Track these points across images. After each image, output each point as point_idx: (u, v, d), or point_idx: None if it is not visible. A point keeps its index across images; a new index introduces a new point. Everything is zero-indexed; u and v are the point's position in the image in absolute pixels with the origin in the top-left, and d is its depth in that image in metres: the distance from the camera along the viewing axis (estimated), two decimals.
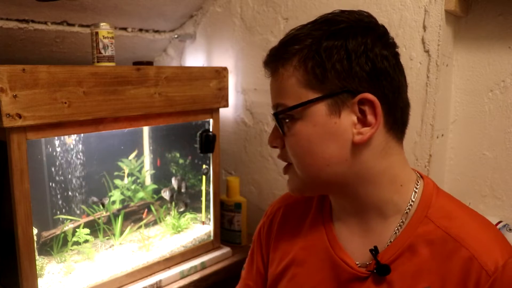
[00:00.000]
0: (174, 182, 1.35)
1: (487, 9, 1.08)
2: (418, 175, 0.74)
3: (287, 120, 0.69)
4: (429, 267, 0.66)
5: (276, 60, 0.70)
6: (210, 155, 1.31)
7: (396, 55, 0.70)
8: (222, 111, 1.35)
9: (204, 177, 1.36)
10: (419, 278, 0.66)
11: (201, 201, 1.39)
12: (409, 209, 0.70)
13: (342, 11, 0.69)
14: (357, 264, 0.72)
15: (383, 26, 0.70)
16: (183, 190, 1.36)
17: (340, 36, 0.65)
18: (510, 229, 1.02)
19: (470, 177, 1.14)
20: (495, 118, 1.09)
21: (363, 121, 0.66)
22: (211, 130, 1.30)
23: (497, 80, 1.08)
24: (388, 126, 0.68)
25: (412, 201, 0.70)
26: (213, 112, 1.29)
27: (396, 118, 0.68)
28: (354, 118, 0.66)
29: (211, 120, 1.29)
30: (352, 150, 0.66)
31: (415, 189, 0.71)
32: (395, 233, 0.70)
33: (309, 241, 0.79)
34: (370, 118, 0.65)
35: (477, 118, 1.12)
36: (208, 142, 1.28)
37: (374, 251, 0.68)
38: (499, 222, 1.04)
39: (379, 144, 0.67)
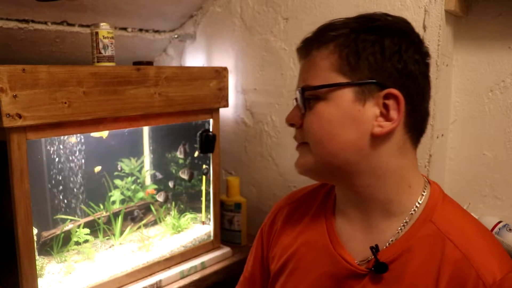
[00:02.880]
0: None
1: (487, 9, 1.08)
2: (426, 180, 0.75)
3: (311, 100, 0.70)
4: (427, 270, 0.66)
5: (311, 44, 0.72)
6: (210, 155, 1.31)
7: (427, 64, 0.72)
8: (222, 111, 1.35)
9: (204, 177, 1.36)
10: (416, 280, 0.66)
11: (201, 201, 1.39)
12: (414, 210, 0.70)
13: (382, 13, 0.72)
14: (356, 261, 0.72)
15: (418, 34, 0.72)
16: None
17: (378, 32, 0.67)
18: (510, 229, 1.02)
19: (470, 177, 1.14)
20: (495, 118, 1.09)
21: (385, 116, 0.67)
22: (211, 130, 1.30)
23: (497, 80, 1.08)
24: (408, 128, 0.69)
25: (419, 203, 0.71)
26: (213, 112, 1.29)
27: (416, 122, 0.70)
28: (377, 111, 0.67)
29: (211, 120, 1.29)
30: (370, 141, 0.68)
31: (422, 192, 0.72)
32: (398, 232, 0.70)
33: (309, 236, 0.79)
34: (392, 113, 0.66)
35: (477, 118, 1.12)
36: (208, 142, 1.28)
37: (375, 249, 0.69)
38: (499, 222, 1.04)
39: (397, 142, 0.69)
